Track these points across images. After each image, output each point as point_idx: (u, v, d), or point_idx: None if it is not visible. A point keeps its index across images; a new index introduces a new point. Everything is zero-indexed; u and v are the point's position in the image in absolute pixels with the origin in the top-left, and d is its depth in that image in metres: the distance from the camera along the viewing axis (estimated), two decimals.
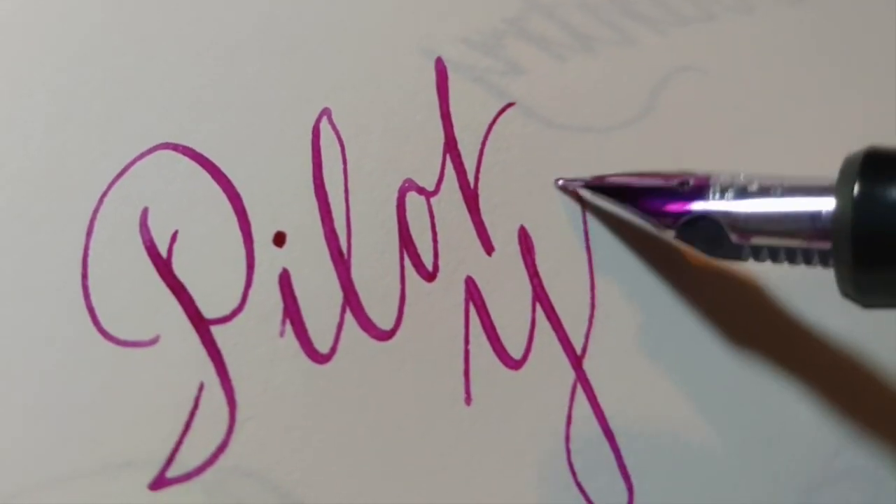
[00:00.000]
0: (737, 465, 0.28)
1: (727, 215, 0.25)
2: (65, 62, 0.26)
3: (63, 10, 0.27)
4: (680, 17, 0.33)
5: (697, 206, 0.26)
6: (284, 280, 0.26)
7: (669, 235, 0.27)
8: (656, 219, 0.27)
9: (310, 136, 0.27)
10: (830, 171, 0.25)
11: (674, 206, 0.26)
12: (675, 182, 0.27)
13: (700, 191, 0.26)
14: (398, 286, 0.26)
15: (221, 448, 0.24)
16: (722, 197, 0.26)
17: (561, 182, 0.29)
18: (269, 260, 0.26)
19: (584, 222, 0.29)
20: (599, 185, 0.28)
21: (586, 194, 0.29)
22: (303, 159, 0.27)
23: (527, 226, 0.28)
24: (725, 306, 0.30)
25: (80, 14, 0.27)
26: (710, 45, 0.33)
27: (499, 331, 0.27)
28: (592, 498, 0.26)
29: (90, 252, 0.25)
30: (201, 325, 0.25)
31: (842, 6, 0.36)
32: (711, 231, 0.26)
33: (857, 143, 0.33)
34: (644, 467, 0.27)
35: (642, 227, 0.28)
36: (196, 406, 0.24)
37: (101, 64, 0.26)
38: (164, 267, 0.25)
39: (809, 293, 0.29)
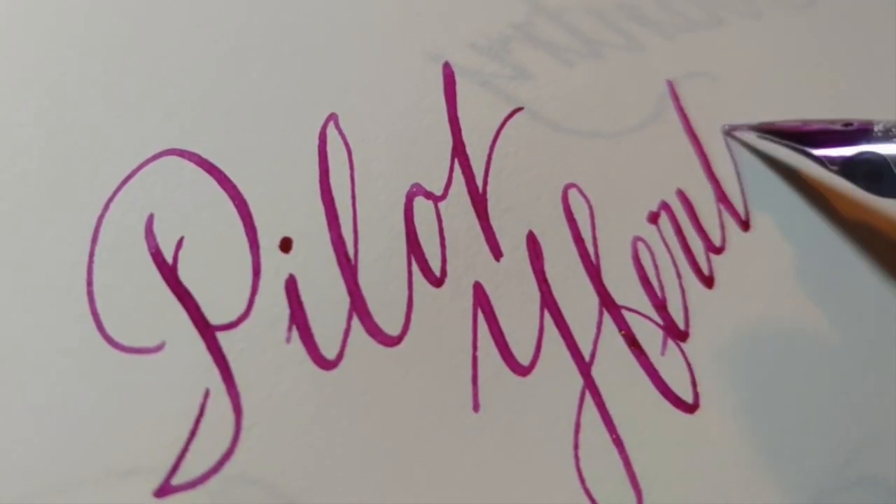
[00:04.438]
0: (746, 473, 0.28)
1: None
2: (69, 67, 0.26)
3: (67, 16, 0.27)
4: (688, 22, 0.33)
5: (863, 146, 0.28)
6: (291, 286, 0.25)
7: (834, 173, 0.29)
8: (824, 156, 0.29)
9: (316, 142, 0.27)
10: None
11: (841, 146, 0.29)
12: (839, 125, 0.29)
13: (864, 133, 0.28)
14: (406, 292, 0.26)
15: (227, 455, 0.24)
16: (886, 139, 0.28)
17: (727, 127, 0.32)
18: (276, 266, 0.26)
19: (593, 227, 0.29)
20: (768, 130, 0.31)
21: (752, 138, 0.31)
22: (309, 165, 0.27)
23: (535, 231, 0.28)
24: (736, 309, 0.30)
25: (85, 20, 0.27)
26: (719, 50, 0.33)
27: (507, 337, 0.27)
28: None
29: (95, 258, 0.25)
30: (207, 332, 0.25)
31: (849, 12, 0.36)
32: (874, 169, 0.28)
33: None
34: (653, 474, 0.27)
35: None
36: (202, 413, 0.24)
37: (105, 69, 0.26)
38: (169, 273, 0.25)
39: None
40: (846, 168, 0.28)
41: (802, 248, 0.31)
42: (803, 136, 0.30)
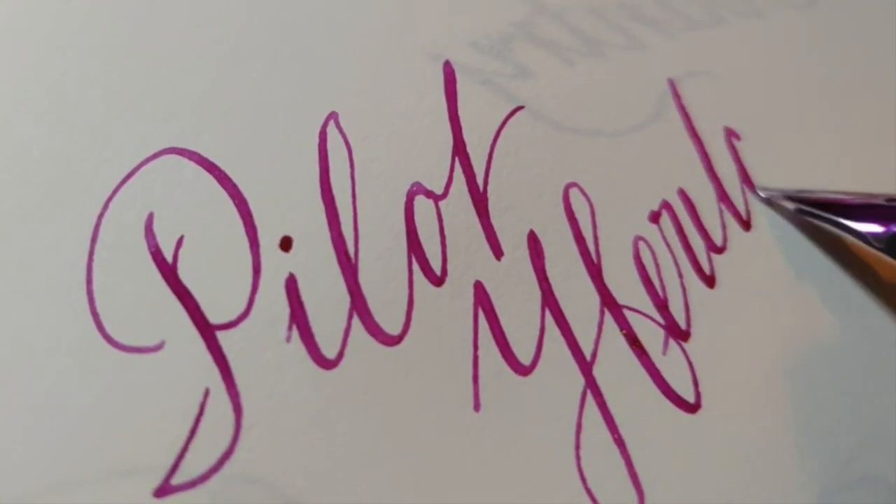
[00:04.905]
0: (748, 472, 0.28)
1: None
2: (69, 66, 0.26)
3: (67, 16, 0.27)
4: (689, 21, 0.33)
5: None
6: (291, 285, 0.25)
7: (877, 249, 0.28)
8: (867, 233, 0.28)
9: (316, 140, 0.27)
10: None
11: (884, 222, 0.28)
12: (881, 199, 0.29)
13: None
14: (406, 291, 0.26)
15: (227, 455, 0.24)
16: None
17: (764, 194, 0.31)
18: (276, 265, 0.25)
19: (594, 226, 0.29)
20: (805, 200, 0.30)
21: (790, 206, 0.30)
22: (309, 163, 0.27)
23: (536, 230, 0.28)
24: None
25: (85, 19, 0.27)
26: (720, 49, 0.33)
27: (508, 336, 0.27)
28: None
29: (95, 257, 0.24)
30: (207, 331, 0.25)
31: (849, 12, 0.36)
32: None
33: (865, 146, 0.33)
34: (654, 474, 0.27)
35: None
36: (201, 412, 0.24)
37: (106, 68, 0.26)
38: (169, 272, 0.25)
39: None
40: (892, 245, 0.28)
41: (803, 247, 0.31)
42: (843, 210, 0.29)
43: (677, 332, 0.28)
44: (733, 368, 0.28)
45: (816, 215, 0.30)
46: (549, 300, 0.27)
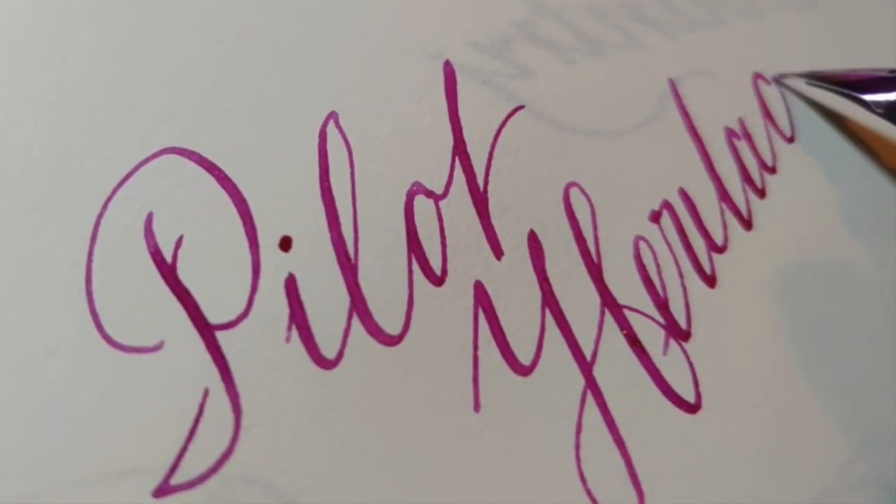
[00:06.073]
0: (748, 474, 0.28)
1: None
2: (69, 67, 0.26)
3: (67, 16, 0.27)
4: (689, 21, 0.33)
5: None
6: (291, 285, 0.25)
7: (879, 116, 0.30)
8: (871, 100, 0.30)
9: (316, 140, 0.27)
10: None
11: (887, 91, 0.30)
12: (885, 72, 0.31)
13: None
14: (406, 291, 0.26)
15: (226, 455, 0.24)
16: None
17: (777, 75, 0.33)
18: (276, 265, 0.25)
19: (595, 226, 0.29)
20: (816, 77, 0.32)
21: (800, 85, 0.33)
22: (309, 163, 0.27)
23: (536, 230, 0.28)
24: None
25: (85, 19, 0.27)
26: (720, 49, 0.33)
27: (508, 336, 0.27)
28: None
29: (94, 257, 0.24)
30: (206, 331, 0.24)
31: (849, 12, 0.36)
32: None
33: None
34: (654, 475, 0.27)
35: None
36: (201, 413, 0.24)
37: (106, 68, 0.26)
38: (168, 272, 0.25)
39: None
40: (892, 111, 0.29)
41: (803, 248, 0.31)
42: (851, 83, 0.31)
43: (678, 333, 0.28)
44: (734, 369, 0.28)
45: (824, 87, 0.32)
46: (550, 300, 0.27)
